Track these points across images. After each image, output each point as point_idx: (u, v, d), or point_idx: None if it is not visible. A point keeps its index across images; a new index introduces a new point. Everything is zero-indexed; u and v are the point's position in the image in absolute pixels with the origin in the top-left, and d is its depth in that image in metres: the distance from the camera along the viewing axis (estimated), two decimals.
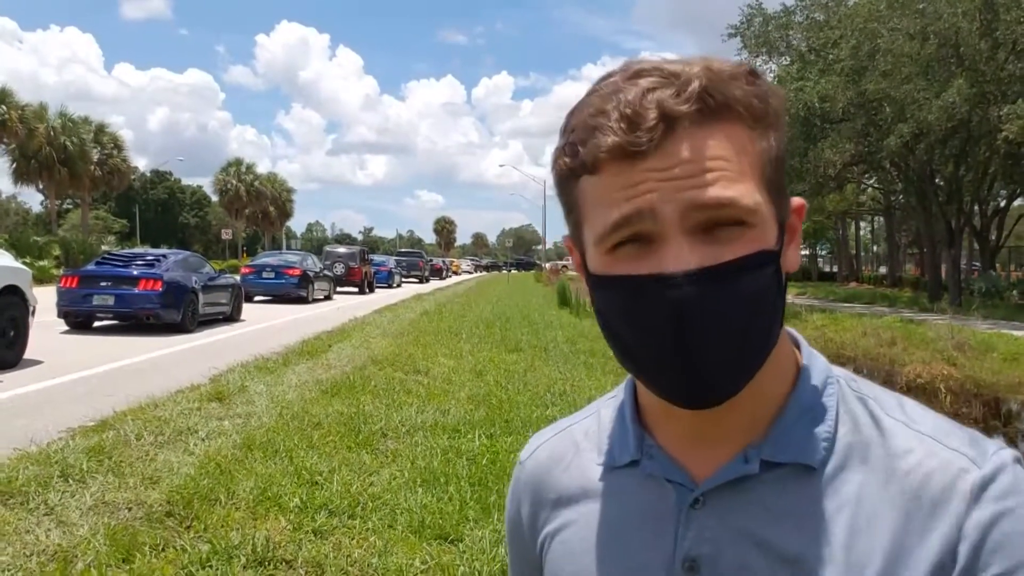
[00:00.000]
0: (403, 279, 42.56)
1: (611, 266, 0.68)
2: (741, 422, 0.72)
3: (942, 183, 29.55)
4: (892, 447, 0.70)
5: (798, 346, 0.78)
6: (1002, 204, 34.89)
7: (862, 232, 66.55)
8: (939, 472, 0.67)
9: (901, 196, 37.20)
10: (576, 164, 0.68)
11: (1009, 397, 12.97)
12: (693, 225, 0.64)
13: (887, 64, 24.01)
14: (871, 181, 38.24)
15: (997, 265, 35.26)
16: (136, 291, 13.61)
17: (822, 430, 0.71)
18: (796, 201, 0.73)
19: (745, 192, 0.65)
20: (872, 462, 0.70)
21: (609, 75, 0.68)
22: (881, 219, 54.97)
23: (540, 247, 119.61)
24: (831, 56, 25.92)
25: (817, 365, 0.76)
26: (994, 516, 0.64)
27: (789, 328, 0.78)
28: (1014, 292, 28.32)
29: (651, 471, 0.76)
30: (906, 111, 23.89)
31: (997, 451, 0.68)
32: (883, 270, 58.75)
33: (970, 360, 15.12)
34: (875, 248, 76.06)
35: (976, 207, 31.87)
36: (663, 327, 0.65)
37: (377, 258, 41.04)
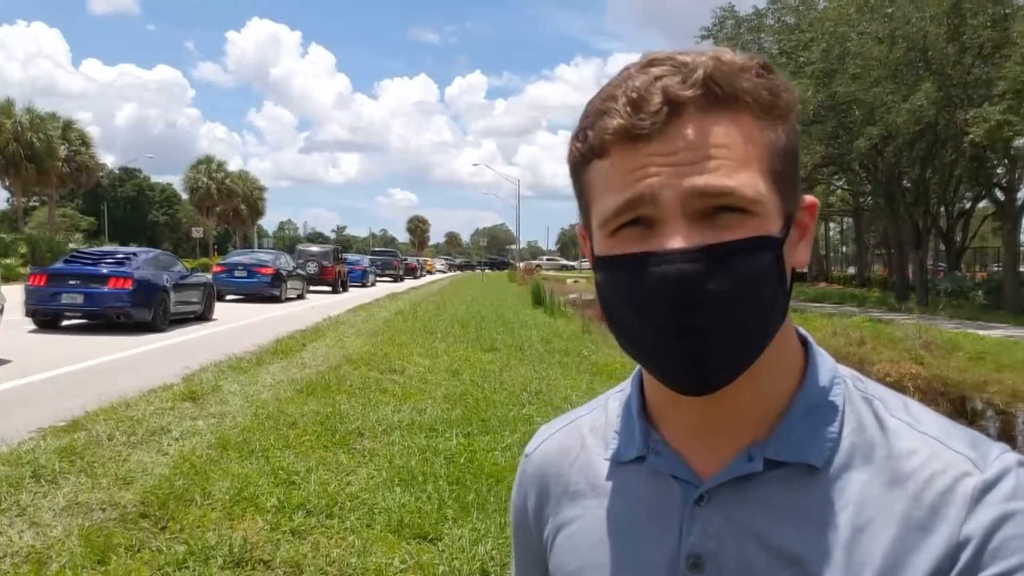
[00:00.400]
0: (377, 278, 42.40)
1: (612, 247, 0.69)
2: (746, 419, 0.72)
3: (909, 185, 30.03)
4: (896, 448, 0.70)
5: (806, 345, 0.78)
6: (967, 206, 35.54)
7: (831, 233, 67.35)
8: (941, 475, 0.67)
9: (869, 197, 37.78)
10: (586, 148, 0.69)
11: (975, 395, 13.22)
12: (693, 211, 0.65)
13: (856, 67, 24.36)
14: (840, 182, 38.77)
15: (962, 266, 35.86)
16: (106, 289, 13.42)
17: (827, 430, 0.71)
18: (808, 198, 0.74)
19: (747, 182, 0.65)
20: (876, 463, 0.70)
21: (627, 66, 0.70)
22: (850, 220, 55.64)
23: (514, 246, 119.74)
24: (802, 59, 26.24)
25: (824, 365, 0.76)
26: (995, 519, 0.64)
27: (798, 327, 0.78)
28: (979, 292, 28.84)
29: (657, 467, 0.76)
30: (875, 114, 24.25)
31: (1000, 455, 0.67)
32: (852, 270, 59.42)
33: (937, 359, 15.39)
34: (844, 249, 76.96)
35: (942, 209, 32.45)
36: (657, 305, 0.66)
37: (351, 257, 40.88)
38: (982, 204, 35.34)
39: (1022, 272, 28.63)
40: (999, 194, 26.43)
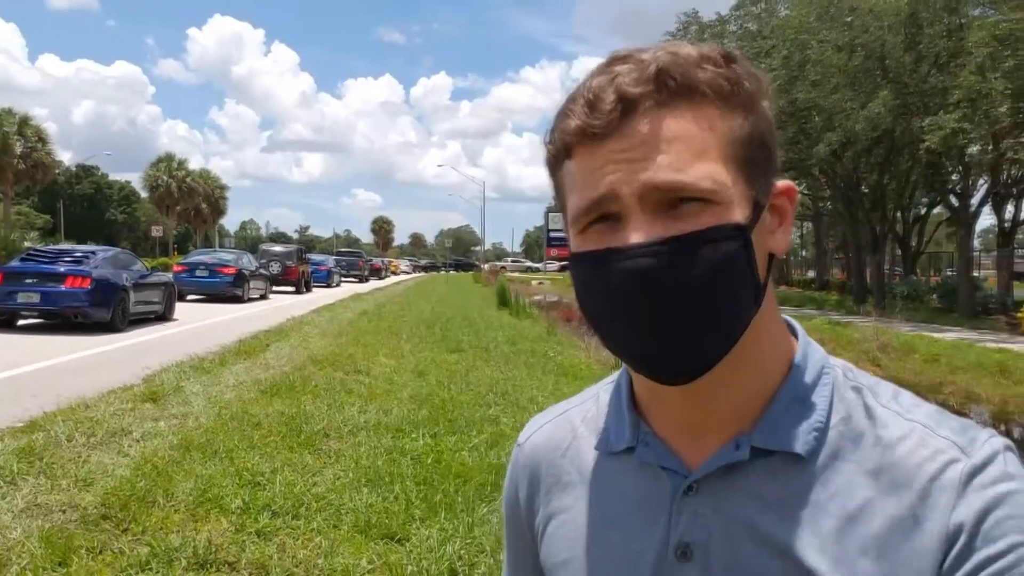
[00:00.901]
0: (342, 279, 42.61)
1: (582, 244, 0.70)
2: (732, 409, 0.73)
3: (867, 191, 30.60)
4: (884, 436, 0.70)
5: (796, 335, 0.78)
6: (923, 211, 36.28)
7: (791, 237, 68.20)
8: (930, 461, 0.67)
9: (829, 202, 38.43)
10: (554, 150, 0.71)
11: (930, 396, 13.50)
12: (654, 204, 0.66)
13: (816, 74, 24.77)
14: (801, 187, 39.25)
15: (918, 270, 36.58)
16: (63, 288, 13.20)
17: (814, 419, 0.72)
18: (782, 183, 0.73)
19: (703, 173, 0.65)
20: (864, 451, 0.70)
21: (597, 66, 0.71)
22: (810, 224, 56.45)
23: (479, 248, 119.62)
24: (764, 65, 26.56)
25: (813, 355, 0.76)
26: (984, 504, 0.64)
27: (788, 317, 0.79)
28: (933, 296, 29.45)
29: (646, 458, 0.76)
30: (834, 120, 24.67)
31: (988, 439, 0.68)
32: (811, 274, 60.34)
33: (893, 361, 15.69)
34: (803, 252, 78.04)
35: (899, 214, 33.09)
36: (622, 299, 0.66)
37: (317, 257, 41.03)
38: (937, 210, 36.13)
39: (975, 277, 29.31)
40: (953, 200, 27.01)
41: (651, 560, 0.74)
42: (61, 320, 13.41)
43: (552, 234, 55.02)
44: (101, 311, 13.42)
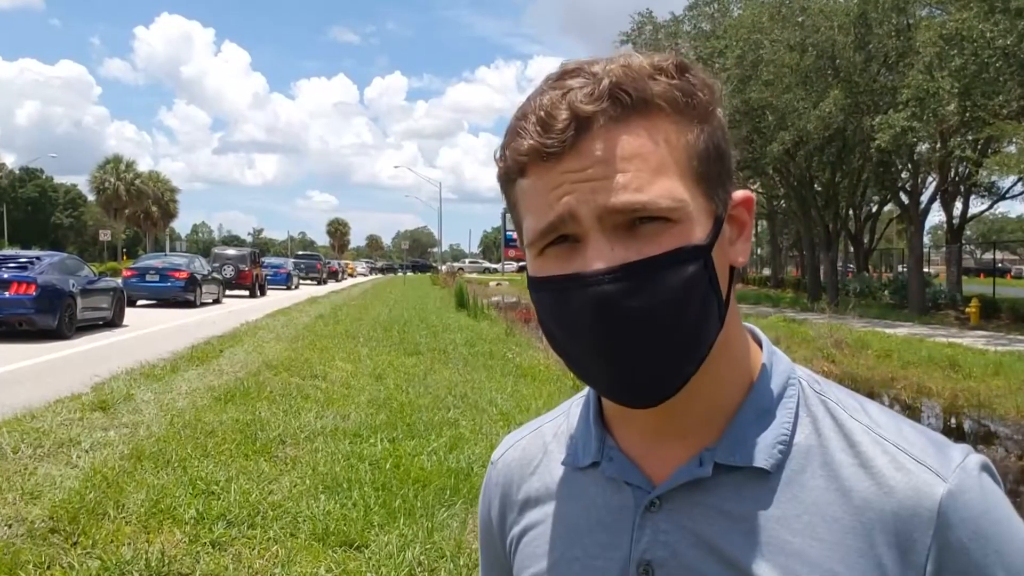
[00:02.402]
0: (300, 281, 42.92)
1: (541, 268, 0.68)
2: (697, 422, 0.71)
3: (820, 189, 31.17)
4: (855, 454, 0.68)
5: (760, 344, 0.76)
6: (874, 209, 37.06)
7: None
8: (903, 488, 0.65)
9: (783, 201, 38.99)
10: (506, 168, 0.69)
11: (882, 391, 13.73)
12: (613, 225, 0.64)
13: (769, 74, 25.13)
14: (755, 186, 39.83)
15: (870, 267, 37.35)
16: (7, 295, 12.84)
17: (779, 432, 0.70)
18: (740, 194, 0.72)
19: (662, 192, 0.64)
20: (833, 468, 0.68)
21: (546, 78, 0.68)
22: (764, 223, 57.30)
23: (436, 249, 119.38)
24: (717, 65, 26.87)
25: (778, 365, 0.74)
26: (961, 533, 0.63)
27: (751, 325, 0.77)
28: (885, 292, 30.08)
29: (610, 473, 0.75)
30: (787, 119, 25.05)
31: (962, 461, 0.66)
32: (767, 272, 61.28)
33: (847, 357, 15.95)
34: (759, 250, 79.24)
35: (851, 212, 33.75)
36: (585, 325, 0.65)
37: (275, 260, 41.88)
38: (888, 207, 36.90)
39: (926, 273, 29.97)
40: (904, 198, 27.55)
41: None
42: (5, 328, 13.03)
43: (509, 235, 55.19)
44: (47, 318, 13.09)
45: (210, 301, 24.34)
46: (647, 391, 0.67)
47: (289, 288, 37.28)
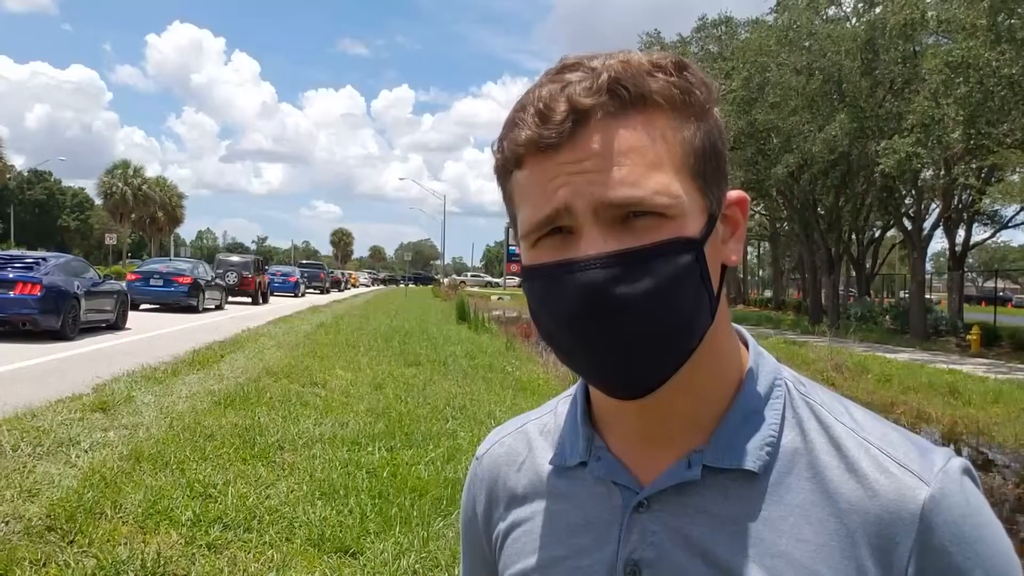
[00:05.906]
0: (305, 289, 44.23)
1: (535, 258, 0.69)
2: (685, 423, 0.72)
3: (823, 212, 31.17)
4: (840, 457, 0.69)
5: (746, 344, 0.77)
6: (877, 234, 37.05)
7: (749, 256, 69.31)
8: (887, 491, 0.66)
9: (786, 223, 39.05)
10: (503, 160, 0.69)
11: (883, 415, 13.72)
12: (609, 218, 0.64)
13: (775, 97, 25.24)
14: (759, 208, 39.93)
15: (871, 291, 37.30)
16: (12, 295, 12.86)
17: (766, 435, 0.70)
18: (734, 194, 0.72)
19: (657, 187, 0.64)
20: (819, 470, 0.69)
21: (545, 72, 0.69)
22: (767, 244, 57.34)
23: (439, 262, 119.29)
24: (724, 87, 26.99)
25: (765, 367, 0.75)
26: (942, 537, 0.64)
27: (739, 327, 0.78)
28: (886, 317, 30.03)
29: (598, 473, 0.75)
30: (792, 142, 25.14)
31: (944, 465, 0.66)
32: (768, 293, 61.20)
33: (847, 380, 15.93)
34: (761, 272, 79.18)
35: (854, 236, 33.74)
36: (573, 312, 0.65)
37: (284, 268, 44.11)
38: (891, 233, 36.90)
39: (927, 299, 29.94)
40: (907, 223, 27.58)
41: None
42: (9, 328, 13.05)
43: (512, 249, 55.16)
44: (51, 319, 13.11)
45: (213, 307, 24.35)
46: (634, 380, 0.67)
47: (297, 296, 39.25)
